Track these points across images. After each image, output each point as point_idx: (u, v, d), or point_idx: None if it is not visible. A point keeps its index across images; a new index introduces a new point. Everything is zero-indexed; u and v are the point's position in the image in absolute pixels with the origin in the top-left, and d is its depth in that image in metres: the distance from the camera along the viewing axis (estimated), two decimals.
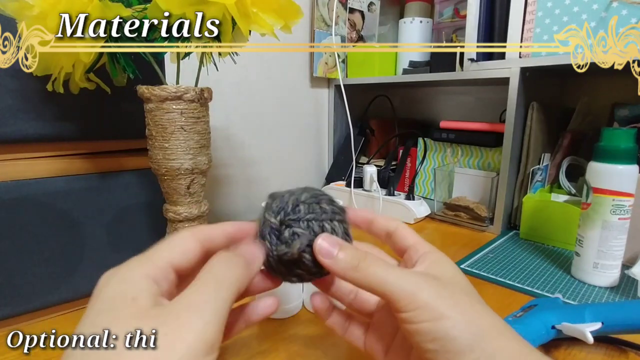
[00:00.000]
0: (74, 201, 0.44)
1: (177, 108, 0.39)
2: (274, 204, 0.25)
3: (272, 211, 0.25)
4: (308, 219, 0.24)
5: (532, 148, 0.69)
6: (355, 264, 0.23)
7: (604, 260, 0.49)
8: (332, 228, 0.24)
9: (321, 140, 1.03)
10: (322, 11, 0.90)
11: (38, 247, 0.42)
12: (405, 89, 1.07)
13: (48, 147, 0.43)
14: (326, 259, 0.23)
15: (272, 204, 0.25)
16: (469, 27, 0.71)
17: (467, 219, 0.75)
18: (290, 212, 0.24)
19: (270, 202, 0.26)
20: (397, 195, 0.82)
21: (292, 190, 0.26)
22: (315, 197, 0.25)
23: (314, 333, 0.41)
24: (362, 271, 0.23)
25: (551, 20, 0.61)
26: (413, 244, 0.26)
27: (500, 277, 0.53)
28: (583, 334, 0.35)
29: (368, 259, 0.23)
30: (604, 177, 0.48)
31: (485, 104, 0.94)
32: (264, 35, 0.38)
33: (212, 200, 0.78)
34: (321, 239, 0.23)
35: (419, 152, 0.90)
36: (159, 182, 0.43)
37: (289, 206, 0.24)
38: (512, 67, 0.65)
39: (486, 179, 0.75)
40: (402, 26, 0.94)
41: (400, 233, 0.27)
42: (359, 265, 0.23)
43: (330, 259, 0.23)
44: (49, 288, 0.43)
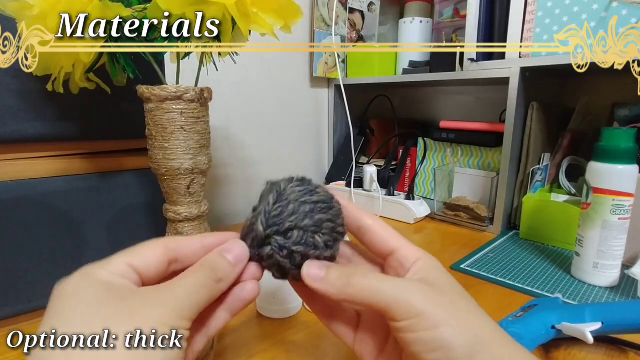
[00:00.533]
0: (74, 201, 0.44)
1: (177, 108, 0.39)
2: (262, 204, 0.24)
3: (258, 215, 0.24)
4: (294, 241, 0.23)
5: (532, 148, 0.69)
6: (347, 281, 0.22)
7: (604, 260, 0.49)
8: (323, 242, 0.24)
9: (321, 140, 1.03)
10: (322, 11, 0.90)
11: (38, 247, 0.42)
12: (405, 89, 1.07)
13: (48, 147, 0.43)
14: (317, 285, 0.23)
15: (259, 206, 0.24)
16: (469, 27, 0.71)
17: (467, 219, 0.75)
18: (276, 224, 0.23)
19: (264, 195, 0.25)
20: (397, 195, 0.82)
21: (286, 190, 0.24)
22: (307, 203, 0.24)
23: (313, 333, 0.41)
24: (355, 286, 0.22)
25: (551, 20, 0.61)
26: (398, 246, 0.24)
27: (500, 277, 0.53)
28: (583, 334, 0.35)
29: (358, 273, 0.23)
30: (604, 177, 0.48)
31: (485, 104, 0.94)
32: (264, 35, 0.38)
33: (212, 200, 0.78)
34: (306, 268, 0.23)
35: (419, 152, 0.90)
36: (159, 182, 0.43)
37: (276, 212, 0.23)
38: (512, 67, 0.65)
39: (486, 179, 0.75)
40: (402, 26, 0.94)
41: (379, 233, 0.25)
42: (350, 281, 0.22)
43: (320, 283, 0.23)
44: (49, 288, 0.43)
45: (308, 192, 0.24)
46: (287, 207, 0.23)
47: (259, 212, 0.24)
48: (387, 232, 0.25)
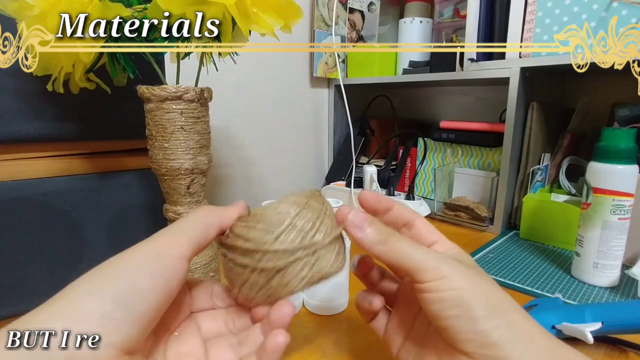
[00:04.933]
0: (74, 201, 0.44)
1: (177, 108, 0.39)
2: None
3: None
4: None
5: (532, 148, 0.69)
6: (384, 239, 0.24)
7: (604, 260, 0.49)
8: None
9: (321, 140, 1.03)
10: (322, 11, 0.90)
11: (38, 247, 0.42)
12: (405, 89, 1.07)
13: (48, 147, 0.43)
14: (356, 233, 0.24)
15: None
16: (469, 27, 0.71)
17: (467, 219, 0.75)
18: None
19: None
20: (397, 195, 0.82)
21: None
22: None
23: (313, 333, 0.41)
24: (389, 244, 0.24)
25: (551, 20, 0.61)
26: (437, 239, 0.27)
27: (500, 277, 0.53)
28: (583, 334, 0.35)
29: (395, 235, 0.24)
30: (604, 177, 0.48)
31: (485, 104, 0.94)
32: (264, 35, 0.38)
33: (212, 200, 0.78)
34: (351, 215, 0.25)
35: (419, 152, 0.90)
36: (159, 182, 0.43)
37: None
38: (512, 67, 0.65)
39: (486, 179, 0.75)
40: (402, 26, 0.94)
41: (422, 227, 0.28)
42: (387, 239, 0.24)
43: (360, 233, 0.24)
44: (49, 288, 0.43)
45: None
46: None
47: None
48: (427, 226, 0.28)
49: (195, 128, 0.40)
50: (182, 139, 0.40)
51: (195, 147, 0.41)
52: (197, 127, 0.41)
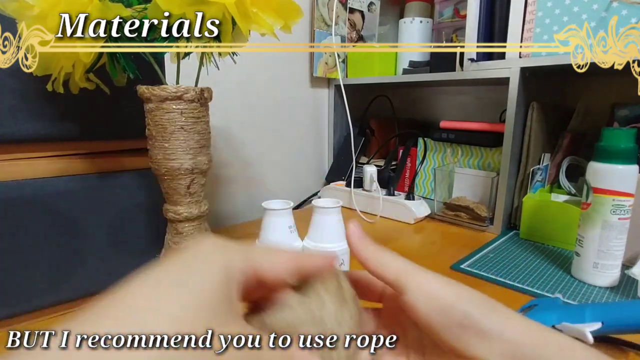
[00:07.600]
0: (74, 201, 0.44)
1: (177, 108, 0.39)
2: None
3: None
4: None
5: (532, 148, 0.69)
6: (371, 256, 0.25)
7: (604, 260, 0.49)
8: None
9: (321, 140, 1.03)
10: (322, 11, 0.90)
11: (38, 247, 0.42)
12: (405, 89, 1.07)
13: (48, 147, 0.43)
14: (354, 242, 0.25)
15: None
16: (469, 27, 0.71)
17: (467, 219, 0.75)
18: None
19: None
20: (397, 195, 0.82)
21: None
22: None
23: None
24: (378, 260, 0.25)
25: (551, 20, 0.61)
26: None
27: (500, 277, 0.53)
28: (583, 334, 0.35)
29: (384, 252, 0.25)
30: (604, 177, 0.48)
31: (485, 104, 0.94)
32: (264, 35, 0.38)
33: (212, 200, 0.78)
34: (351, 227, 0.26)
35: (419, 152, 0.90)
36: (159, 182, 0.43)
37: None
38: (512, 67, 0.65)
39: (486, 179, 0.75)
40: (402, 26, 0.94)
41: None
42: (374, 256, 0.25)
43: (357, 242, 0.25)
44: (49, 288, 0.43)
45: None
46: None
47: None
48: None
49: (195, 128, 0.40)
50: (182, 139, 0.40)
51: (195, 147, 0.41)
52: (197, 127, 0.41)
